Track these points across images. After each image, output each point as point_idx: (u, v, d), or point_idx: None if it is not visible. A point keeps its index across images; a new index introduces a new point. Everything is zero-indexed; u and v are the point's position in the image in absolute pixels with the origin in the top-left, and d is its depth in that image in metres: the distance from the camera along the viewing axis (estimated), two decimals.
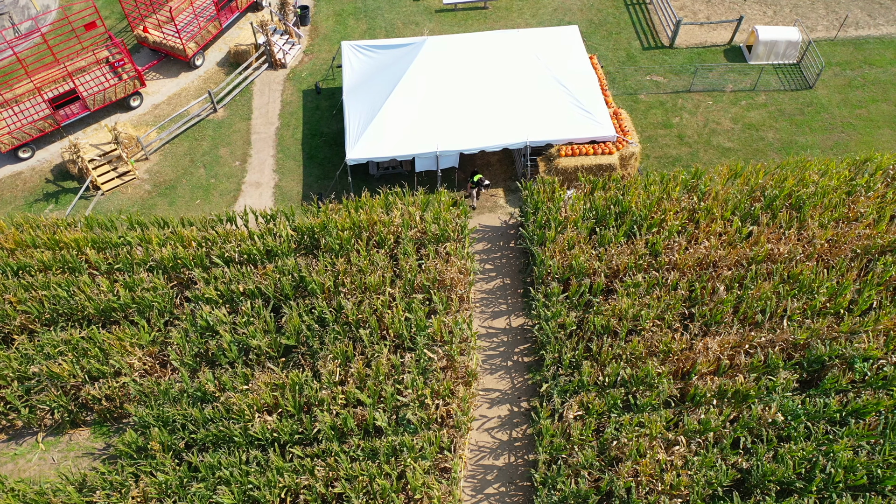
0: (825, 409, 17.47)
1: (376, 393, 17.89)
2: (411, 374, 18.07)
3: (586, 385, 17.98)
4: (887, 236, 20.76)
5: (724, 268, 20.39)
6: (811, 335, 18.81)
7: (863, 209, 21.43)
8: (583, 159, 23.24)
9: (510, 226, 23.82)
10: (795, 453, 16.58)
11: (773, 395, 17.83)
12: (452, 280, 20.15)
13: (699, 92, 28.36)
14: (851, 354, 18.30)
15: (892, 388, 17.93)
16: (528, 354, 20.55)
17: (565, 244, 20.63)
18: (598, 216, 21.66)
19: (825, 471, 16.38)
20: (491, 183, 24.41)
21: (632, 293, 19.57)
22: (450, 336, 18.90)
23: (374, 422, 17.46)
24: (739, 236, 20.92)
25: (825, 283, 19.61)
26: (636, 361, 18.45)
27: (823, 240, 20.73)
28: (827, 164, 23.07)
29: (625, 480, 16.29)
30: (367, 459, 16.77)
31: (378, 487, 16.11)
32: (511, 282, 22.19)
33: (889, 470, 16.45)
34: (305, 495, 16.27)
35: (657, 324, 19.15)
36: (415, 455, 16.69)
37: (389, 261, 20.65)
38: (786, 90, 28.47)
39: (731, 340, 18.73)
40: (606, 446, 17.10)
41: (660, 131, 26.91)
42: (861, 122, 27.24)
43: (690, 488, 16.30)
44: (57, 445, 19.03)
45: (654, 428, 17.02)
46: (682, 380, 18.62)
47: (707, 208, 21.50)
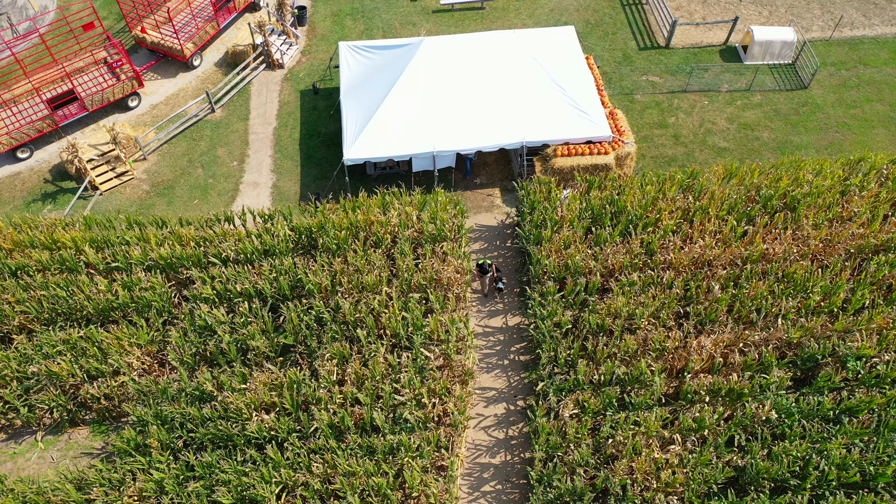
0: (819, 408, 17.60)
1: (374, 392, 18.00)
2: (408, 374, 18.18)
3: (582, 384, 18.10)
4: (881, 235, 20.90)
5: (718, 267, 20.51)
6: (805, 334, 18.95)
7: (856, 209, 21.57)
8: (579, 159, 23.37)
9: (507, 225, 23.94)
10: (790, 451, 16.70)
11: (767, 394, 17.96)
12: (449, 279, 20.26)
13: (695, 92, 28.49)
14: (845, 353, 18.43)
15: (884, 386, 18.07)
16: (524, 353, 20.67)
17: (561, 243, 20.75)
18: (594, 216, 21.78)
19: (819, 468, 16.52)
20: (502, 273, 21.80)
21: (627, 292, 19.70)
22: (446, 335, 19.01)
23: (371, 421, 17.57)
24: (734, 236, 21.05)
25: (819, 282, 19.74)
26: (631, 360, 18.58)
27: (817, 239, 20.86)
28: (821, 163, 23.21)
29: (620, 478, 16.42)
30: (364, 457, 16.88)
31: (375, 484, 16.23)
32: (507, 281, 22.29)
33: (882, 467, 16.59)
34: (302, 492, 16.39)
35: (652, 322, 19.28)
36: (412, 454, 16.81)
37: (386, 260, 20.77)
38: (781, 90, 28.61)
39: (725, 339, 18.86)
40: (602, 444, 17.23)
41: (656, 131, 27.03)
42: (856, 121, 27.39)
43: (686, 486, 16.43)
44: (56, 444, 19.12)
45: (650, 426, 17.15)
46: (676, 378, 18.75)
47: (702, 208, 21.64)
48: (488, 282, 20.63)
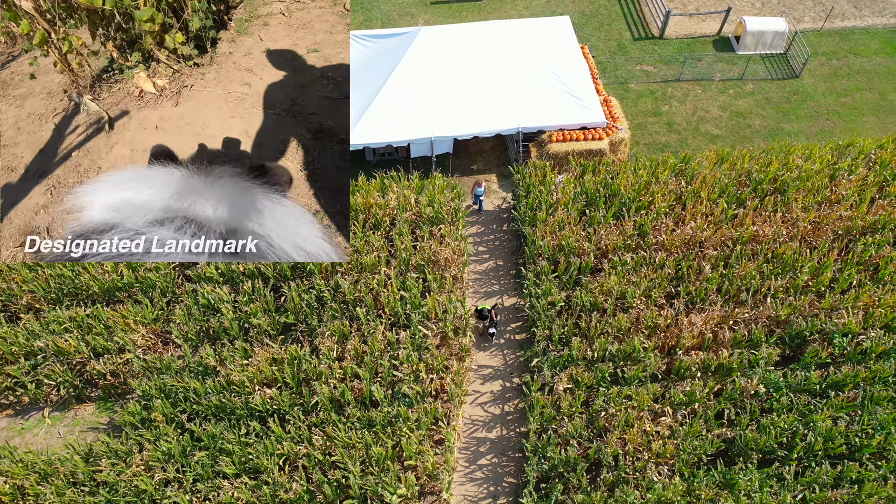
0: (805, 382, 18.13)
1: (373, 368, 18.49)
2: (406, 350, 18.67)
3: (575, 359, 18.60)
4: (868, 218, 21.41)
5: (709, 248, 21.03)
6: (793, 312, 19.46)
7: (844, 192, 22.09)
8: (573, 144, 23.87)
9: (503, 210, 24.43)
10: (777, 423, 17.23)
11: (756, 369, 18.47)
12: (446, 260, 20.75)
13: (688, 81, 29.00)
14: (831, 330, 18.96)
15: (869, 361, 18.59)
16: (519, 332, 21.17)
17: (556, 225, 21.25)
18: (588, 199, 22.28)
19: (805, 440, 17.04)
20: (499, 308, 21.44)
21: (619, 271, 20.19)
22: (443, 314, 19.50)
23: (370, 395, 18.06)
24: (725, 218, 21.56)
25: (807, 262, 20.26)
26: (623, 337, 19.08)
27: (806, 221, 21.38)
28: (811, 149, 23.73)
29: (613, 449, 16.92)
30: (363, 429, 17.37)
31: (375, 454, 16.72)
32: (504, 263, 22.80)
33: (867, 439, 17.12)
34: (304, 462, 16.88)
35: (643, 300, 19.78)
36: (410, 425, 17.30)
37: (385, 242, 21.26)
38: (773, 79, 29.13)
39: (715, 317, 19.37)
40: (595, 417, 17.73)
41: (649, 119, 27.54)
42: (846, 109, 27.92)
43: (676, 456, 16.95)
44: (63, 420, 19.59)
45: (642, 400, 17.65)
46: (667, 355, 19.26)
47: (694, 191, 22.14)
48: (487, 324, 20.41)
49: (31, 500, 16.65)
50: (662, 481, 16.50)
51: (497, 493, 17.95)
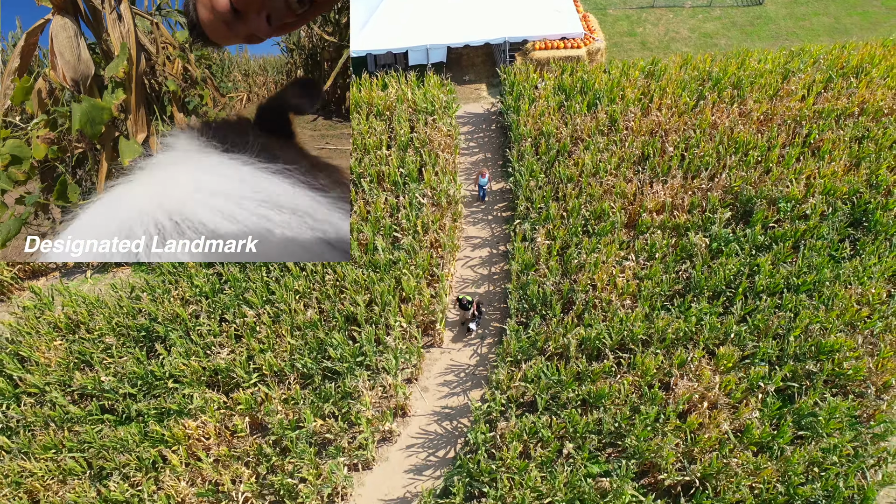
0: (752, 235, 20.84)
1: (376, 225, 21.19)
2: (405, 210, 21.38)
3: (553, 217, 21.31)
4: (814, 107, 24.14)
5: (672, 132, 23.74)
6: (744, 182, 22.18)
7: (794, 87, 24.82)
8: (555, 52, 26.60)
9: (491, 112, 27.14)
10: (726, 265, 19.94)
11: (710, 228, 21.17)
12: (440, 143, 23.45)
13: (661, 8, 31.75)
14: (777, 197, 21.67)
15: (809, 220, 21.33)
16: (505, 210, 23.87)
17: (537, 114, 23.96)
18: (567, 94, 24.99)
19: (751, 280, 19.74)
20: (479, 317, 20.55)
21: (592, 150, 22.89)
22: (437, 182, 22.18)
23: (374, 246, 20.76)
24: (687, 109, 24.26)
25: (759, 143, 22.96)
26: (595, 201, 21.78)
27: (759, 112, 24.10)
28: (766, 54, 26.47)
29: (583, 286, 19.63)
30: (368, 269, 20.09)
31: (378, 290, 19.42)
32: (492, 155, 25.51)
33: (802, 277, 19.85)
34: (317, 295, 19.59)
35: (613, 174, 22.49)
36: (408, 266, 20.01)
37: (386, 126, 23.95)
38: (738, 6, 31.89)
39: (675, 185, 22.09)
40: (568, 261, 20.44)
41: (625, 38, 30.28)
42: (804, 31, 30.68)
43: (638, 294, 19.63)
44: (102, 280, 22.26)
45: (609, 248, 20.36)
46: (633, 227, 21.89)
47: (661, 87, 24.86)
48: (469, 316, 20.23)
49: (84, 327, 19.35)
50: (626, 312, 19.18)
51: (484, 335, 20.62)
